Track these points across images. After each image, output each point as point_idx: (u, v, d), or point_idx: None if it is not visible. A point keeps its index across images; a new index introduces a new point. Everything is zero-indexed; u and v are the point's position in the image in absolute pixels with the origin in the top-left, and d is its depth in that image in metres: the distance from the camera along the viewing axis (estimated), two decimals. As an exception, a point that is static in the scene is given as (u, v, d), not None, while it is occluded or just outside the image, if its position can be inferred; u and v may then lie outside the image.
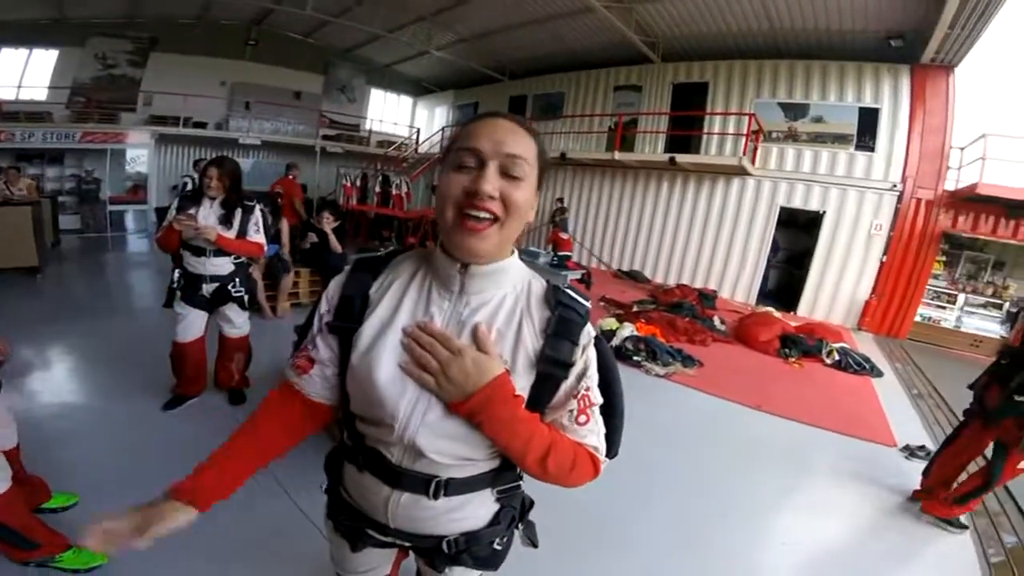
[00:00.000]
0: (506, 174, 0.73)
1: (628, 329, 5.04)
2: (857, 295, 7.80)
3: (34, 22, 9.56)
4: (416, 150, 13.21)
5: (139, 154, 10.34)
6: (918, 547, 2.57)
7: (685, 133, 9.15)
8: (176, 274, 2.78)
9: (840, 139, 7.88)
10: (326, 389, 0.88)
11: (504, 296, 0.81)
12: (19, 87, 9.84)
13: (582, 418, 0.81)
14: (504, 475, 0.88)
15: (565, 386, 0.80)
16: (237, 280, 2.86)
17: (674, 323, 5.77)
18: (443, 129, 13.42)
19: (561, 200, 9.73)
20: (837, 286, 7.90)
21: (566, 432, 0.81)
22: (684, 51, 9.29)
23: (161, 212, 6.65)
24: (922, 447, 3.55)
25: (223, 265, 2.78)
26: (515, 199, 0.74)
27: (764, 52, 8.47)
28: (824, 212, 7.92)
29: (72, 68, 10.28)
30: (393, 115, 15.62)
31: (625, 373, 3.84)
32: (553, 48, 10.59)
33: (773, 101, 8.38)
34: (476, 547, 0.90)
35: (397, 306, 0.81)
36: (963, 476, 2.75)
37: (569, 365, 0.80)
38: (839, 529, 2.63)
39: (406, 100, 16.19)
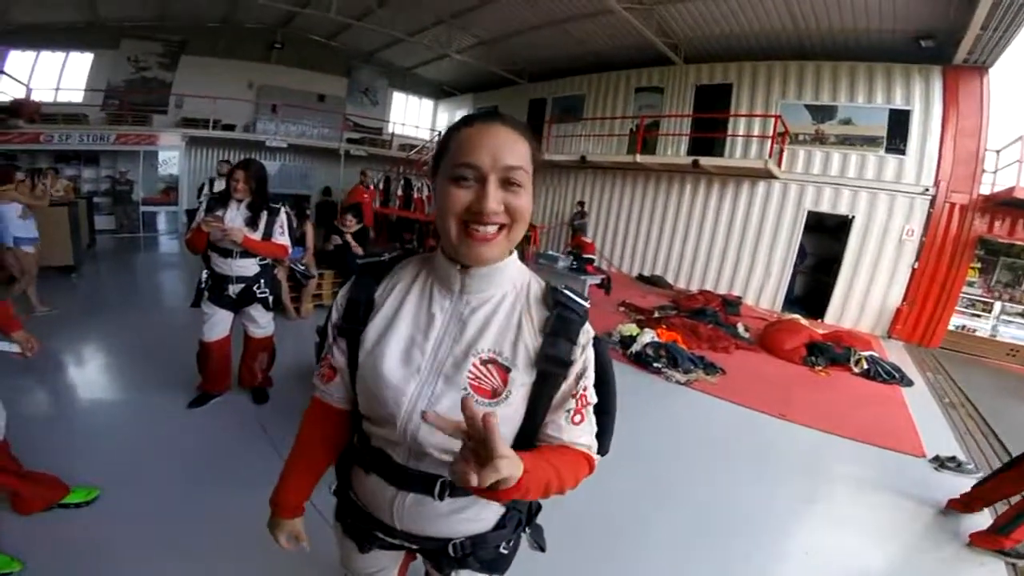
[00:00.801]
0: (507, 183, 0.73)
1: (649, 335, 4.99)
2: (888, 302, 7.58)
3: (70, 25, 9.84)
4: (437, 153, 13.32)
5: (170, 156, 10.61)
6: (946, 559, 2.49)
7: (709, 135, 9.01)
8: (204, 274, 2.85)
9: (869, 141, 7.68)
10: (350, 395, 0.91)
11: (504, 295, 0.82)
12: (57, 89, 10.13)
13: (577, 418, 0.81)
14: None
15: (564, 386, 0.81)
16: (262, 281, 2.92)
17: (696, 330, 5.69)
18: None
19: (582, 204, 9.66)
20: (867, 293, 7.69)
21: (561, 433, 0.80)
22: (707, 52, 9.16)
23: (191, 213, 6.88)
24: (952, 458, 3.44)
25: (249, 266, 2.84)
26: (518, 207, 0.74)
27: (789, 53, 8.31)
28: (853, 217, 7.71)
29: (106, 71, 10.56)
30: (415, 118, 15.76)
31: (644, 380, 3.85)
32: (573, 50, 10.54)
33: (799, 103, 8.21)
34: (482, 551, 0.91)
35: (399, 306, 0.84)
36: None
37: (568, 364, 0.80)
38: (865, 541, 2.56)
39: (427, 103, 16.33)
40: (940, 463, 3.41)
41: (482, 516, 0.90)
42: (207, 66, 11.41)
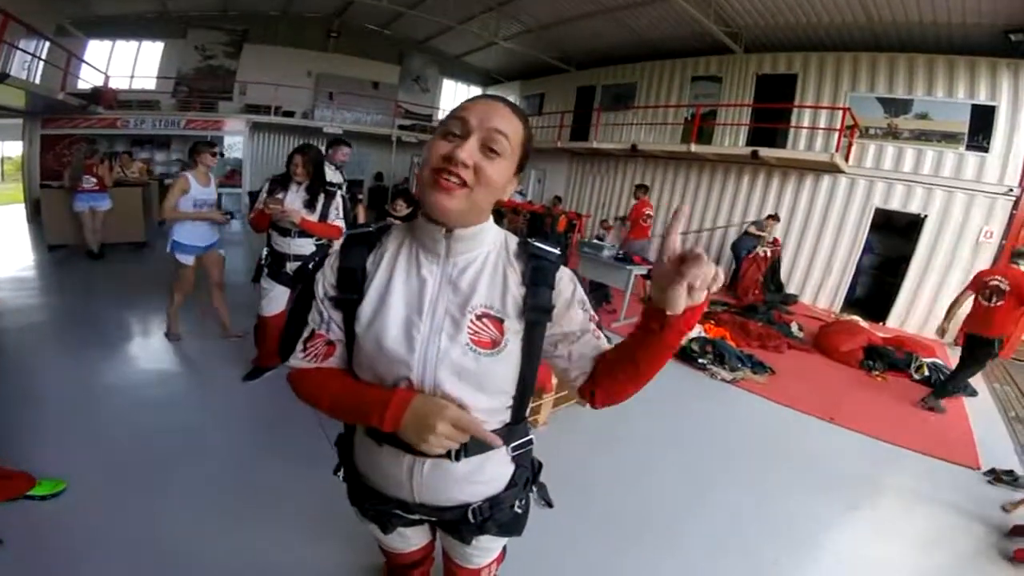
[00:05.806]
0: (486, 147, 0.77)
1: (696, 330, 4.85)
2: (959, 308, 7.03)
3: (142, 16, 10.37)
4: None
5: (235, 141, 11.11)
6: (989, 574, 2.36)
7: (770, 126, 8.60)
8: (264, 252, 3.01)
9: (948, 138, 7.11)
10: (346, 364, 0.93)
11: (487, 253, 0.87)
12: (131, 77, 10.73)
13: (598, 332, 0.92)
14: (515, 431, 0.93)
15: (580, 316, 0.89)
16: (318, 260, 3.04)
17: (746, 327, 5.49)
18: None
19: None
20: (935, 297, 7.16)
21: (602, 347, 0.90)
22: (769, 42, 8.68)
23: (253, 195, 7.19)
24: (1010, 472, 3.21)
25: (306, 246, 2.96)
26: (488, 172, 0.77)
27: (860, 44, 7.76)
28: (925, 216, 7.20)
29: (176, 59, 11.07)
30: (464, 106, 15.85)
31: (688, 376, 3.75)
32: (624, 38, 10.23)
33: (871, 95, 7.67)
34: (499, 512, 0.94)
35: (391, 276, 0.86)
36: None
37: (549, 309, 0.86)
38: (901, 551, 2.45)
39: (475, 91, 16.36)
40: (995, 476, 3.21)
41: (495, 476, 0.94)
42: (269, 54, 11.78)
